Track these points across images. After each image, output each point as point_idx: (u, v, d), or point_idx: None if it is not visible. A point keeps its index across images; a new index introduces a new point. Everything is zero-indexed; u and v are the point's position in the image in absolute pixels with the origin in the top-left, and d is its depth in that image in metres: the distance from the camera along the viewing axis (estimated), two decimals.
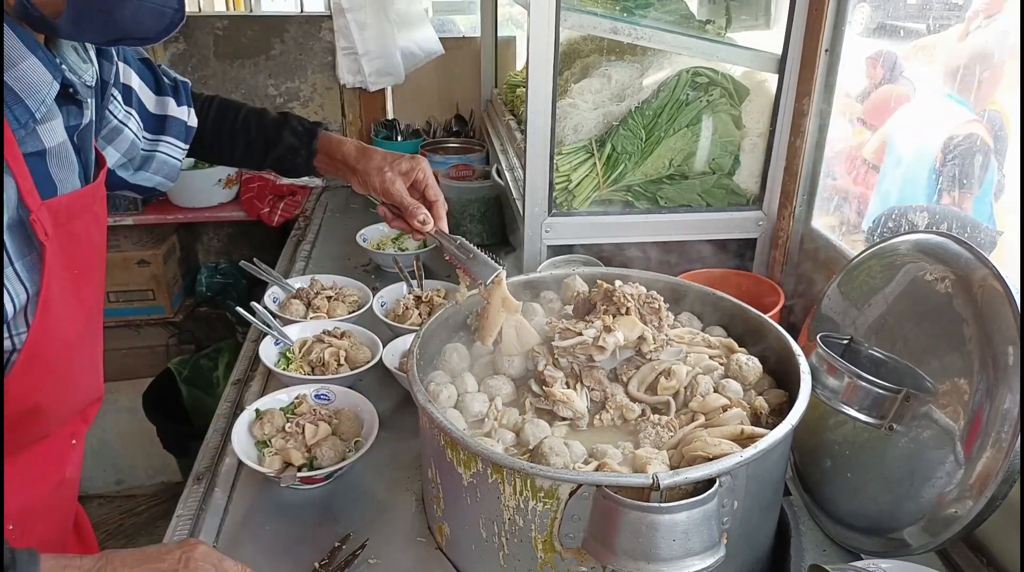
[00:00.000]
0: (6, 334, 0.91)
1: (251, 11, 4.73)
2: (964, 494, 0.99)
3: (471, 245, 1.30)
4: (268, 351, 1.67)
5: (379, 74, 2.93)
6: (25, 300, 0.92)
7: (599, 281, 1.37)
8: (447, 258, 1.31)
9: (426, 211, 1.31)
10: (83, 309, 1.05)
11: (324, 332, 1.71)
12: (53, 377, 1.02)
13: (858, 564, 1.05)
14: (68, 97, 0.99)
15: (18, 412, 0.98)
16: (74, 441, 1.19)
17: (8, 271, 0.90)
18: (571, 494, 0.98)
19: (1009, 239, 2.66)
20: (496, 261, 1.28)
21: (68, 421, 1.15)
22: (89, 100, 1.05)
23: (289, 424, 1.42)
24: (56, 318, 0.97)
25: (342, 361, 1.63)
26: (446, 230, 1.34)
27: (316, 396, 1.51)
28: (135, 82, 1.29)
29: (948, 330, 1.06)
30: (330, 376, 1.59)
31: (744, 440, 1.08)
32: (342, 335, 1.71)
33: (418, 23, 2.99)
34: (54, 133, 0.97)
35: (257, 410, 1.45)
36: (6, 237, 0.88)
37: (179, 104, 1.38)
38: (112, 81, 1.19)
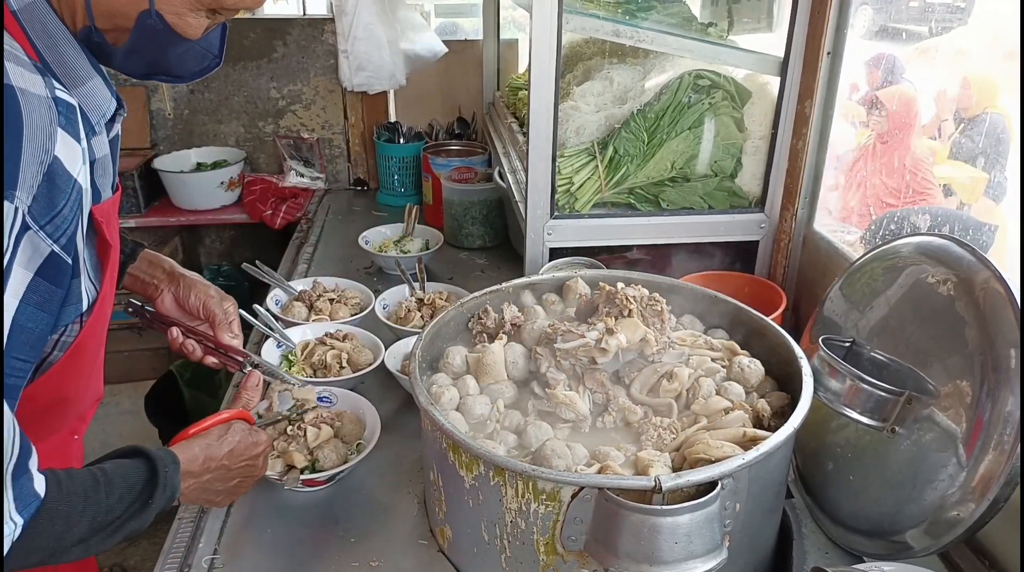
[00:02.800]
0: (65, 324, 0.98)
1: (253, 14, 4.74)
2: (966, 497, 0.99)
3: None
4: (270, 353, 1.67)
5: (379, 77, 2.94)
6: (95, 296, 1.00)
7: (601, 283, 1.37)
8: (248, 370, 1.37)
9: (237, 328, 1.38)
10: (108, 308, 1.10)
11: (326, 334, 1.71)
12: (82, 370, 1.07)
13: (860, 567, 1.05)
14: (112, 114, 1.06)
15: (48, 401, 1.03)
16: (76, 436, 1.22)
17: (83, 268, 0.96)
18: (573, 496, 0.98)
19: (1010, 240, 2.66)
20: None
21: (71, 419, 1.18)
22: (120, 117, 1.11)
23: (291, 427, 1.42)
24: (98, 315, 1.02)
25: (344, 363, 1.64)
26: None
27: (318, 399, 1.51)
28: None
29: (950, 332, 1.06)
30: (332, 378, 1.60)
31: (746, 442, 1.08)
32: (344, 337, 1.71)
33: (419, 25, 3.00)
34: (102, 145, 1.03)
35: (259, 413, 1.45)
36: (82, 242, 0.93)
37: None
38: None
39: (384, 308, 1.89)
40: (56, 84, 0.86)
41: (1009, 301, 1.00)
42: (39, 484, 0.83)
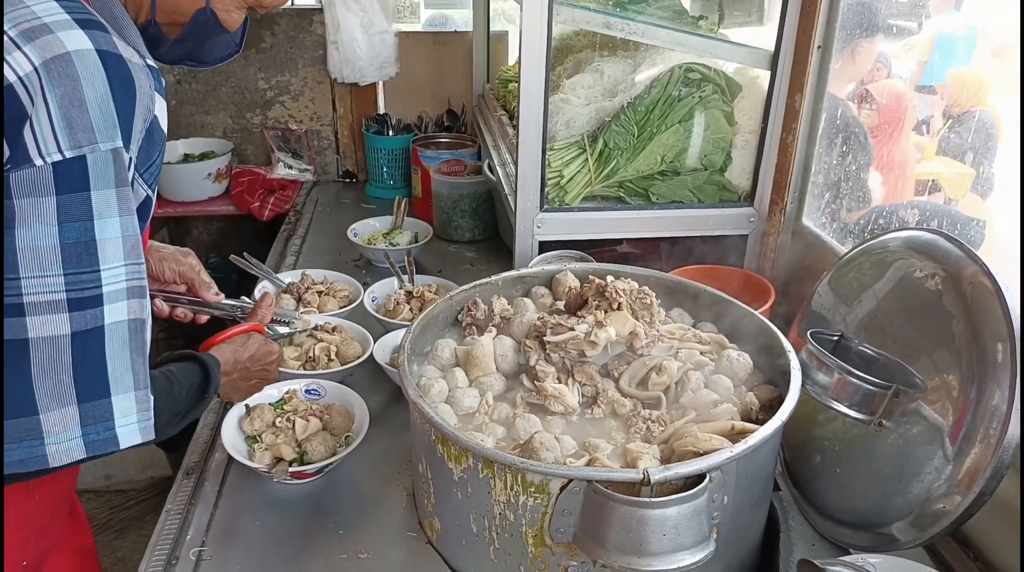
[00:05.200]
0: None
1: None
2: (952, 490, 0.99)
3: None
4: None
5: (367, 68, 2.92)
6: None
7: (591, 277, 1.37)
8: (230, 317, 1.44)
9: (215, 286, 1.48)
10: None
11: (315, 327, 1.71)
12: None
13: (847, 559, 1.05)
14: None
15: None
16: None
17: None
18: (562, 489, 0.98)
19: (997, 236, 2.68)
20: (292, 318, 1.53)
21: None
22: None
23: (279, 419, 1.41)
24: None
25: (333, 356, 1.63)
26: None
27: (306, 391, 1.51)
28: None
29: (938, 327, 1.07)
30: (320, 371, 1.59)
31: (734, 435, 1.08)
32: (333, 330, 1.70)
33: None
34: None
35: (247, 405, 1.44)
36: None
37: None
38: None
39: (373, 301, 1.88)
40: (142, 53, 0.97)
41: (996, 295, 1.00)
42: None
